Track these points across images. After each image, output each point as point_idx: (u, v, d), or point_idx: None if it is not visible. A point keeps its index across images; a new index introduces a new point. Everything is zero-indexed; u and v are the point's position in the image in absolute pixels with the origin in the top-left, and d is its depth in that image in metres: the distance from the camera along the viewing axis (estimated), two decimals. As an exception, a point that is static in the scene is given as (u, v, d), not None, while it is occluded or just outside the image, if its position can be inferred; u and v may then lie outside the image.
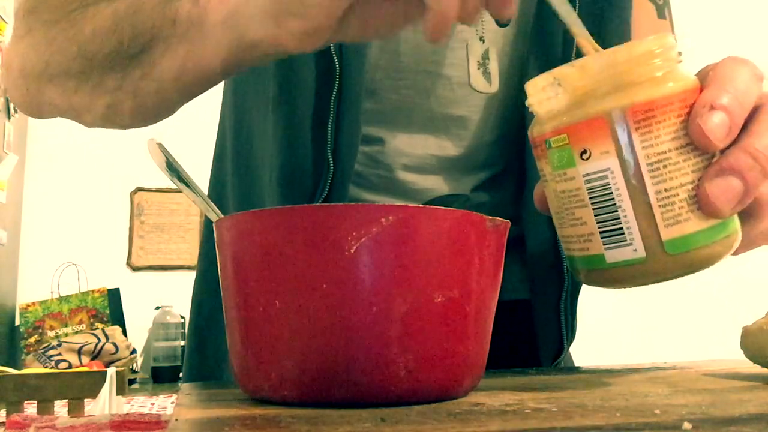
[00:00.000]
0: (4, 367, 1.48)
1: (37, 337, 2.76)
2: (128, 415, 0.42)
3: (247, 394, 0.36)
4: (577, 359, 0.72)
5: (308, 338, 0.32)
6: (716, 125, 0.33)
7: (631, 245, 0.34)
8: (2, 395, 1.20)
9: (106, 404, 1.18)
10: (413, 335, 0.32)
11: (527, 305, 0.64)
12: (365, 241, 0.31)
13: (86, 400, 1.24)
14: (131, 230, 3.16)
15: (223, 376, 0.64)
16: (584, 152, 0.34)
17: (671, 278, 0.35)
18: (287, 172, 0.58)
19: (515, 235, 0.60)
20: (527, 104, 0.38)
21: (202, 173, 0.65)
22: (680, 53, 0.36)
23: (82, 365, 2.47)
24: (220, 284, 0.37)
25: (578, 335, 0.67)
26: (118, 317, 2.84)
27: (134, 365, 2.84)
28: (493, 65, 0.62)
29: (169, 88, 0.45)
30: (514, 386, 0.40)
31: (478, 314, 0.34)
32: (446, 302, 0.33)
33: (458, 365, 0.34)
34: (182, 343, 2.91)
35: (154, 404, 2.23)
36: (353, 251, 0.31)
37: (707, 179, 0.34)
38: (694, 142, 0.34)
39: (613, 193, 0.34)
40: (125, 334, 2.72)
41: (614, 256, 0.35)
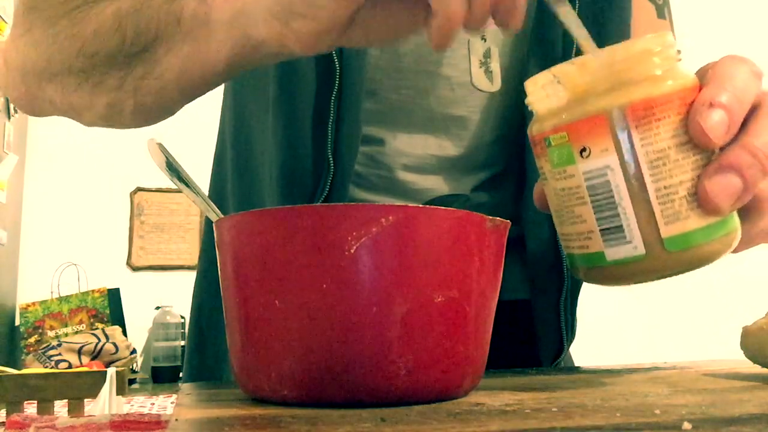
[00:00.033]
0: (4, 367, 1.48)
1: (37, 337, 2.76)
2: (128, 415, 0.42)
3: (247, 394, 0.36)
4: (577, 359, 0.72)
5: (308, 338, 0.32)
6: (716, 123, 0.33)
7: (630, 243, 0.34)
8: (2, 395, 1.19)
9: (106, 404, 1.18)
10: (413, 335, 0.32)
11: (527, 305, 0.64)
12: (365, 241, 0.31)
13: (86, 400, 1.23)
14: (131, 230, 3.16)
15: (223, 376, 0.64)
16: (584, 150, 0.34)
17: (671, 275, 0.35)
18: (287, 171, 0.58)
19: (515, 235, 0.60)
20: (527, 102, 0.38)
21: (202, 173, 0.65)
22: (679, 52, 0.36)
23: (82, 365, 2.47)
24: (220, 284, 0.37)
25: (578, 335, 0.67)
26: (118, 317, 2.84)
27: (134, 365, 2.84)
28: (494, 64, 0.62)
29: (171, 87, 0.45)
30: (514, 386, 0.40)
31: (478, 314, 0.34)
32: (446, 302, 0.33)
33: (458, 365, 0.34)
34: (182, 343, 2.91)
35: (154, 404, 2.23)
36: (353, 251, 0.31)
37: (707, 176, 0.34)
38: (693, 139, 0.34)
39: (612, 190, 0.34)
40: (125, 334, 2.72)
41: (614, 253, 0.35)
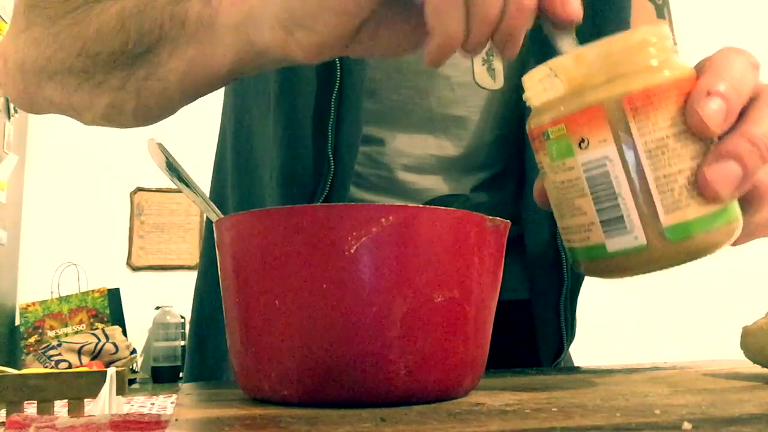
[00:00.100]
0: (4, 367, 1.48)
1: (37, 337, 2.76)
2: (128, 415, 0.42)
3: (247, 394, 0.36)
4: (577, 359, 0.72)
5: (308, 338, 0.32)
6: (714, 111, 0.33)
7: (631, 233, 0.34)
8: (2, 395, 1.19)
9: (106, 404, 1.18)
10: (413, 335, 0.32)
11: (527, 305, 0.64)
12: (365, 241, 0.31)
13: (86, 400, 1.23)
14: (131, 230, 3.16)
15: (223, 375, 0.64)
16: (582, 141, 0.34)
17: (672, 266, 0.35)
18: (287, 171, 0.58)
19: (515, 235, 0.60)
20: (524, 98, 0.38)
21: (202, 173, 0.65)
22: (676, 43, 0.35)
23: (82, 365, 2.47)
24: (220, 284, 0.37)
25: (578, 335, 0.67)
26: (118, 317, 2.84)
27: (134, 365, 2.84)
28: (497, 61, 0.62)
29: (174, 88, 0.45)
30: (514, 386, 0.40)
31: (478, 314, 0.34)
32: (446, 302, 0.33)
33: (458, 365, 0.34)
34: (182, 343, 2.91)
35: (154, 404, 2.23)
36: (353, 251, 0.31)
37: (706, 164, 0.34)
38: (691, 128, 0.34)
39: (612, 181, 0.34)
40: (125, 334, 2.72)
41: (615, 244, 0.35)
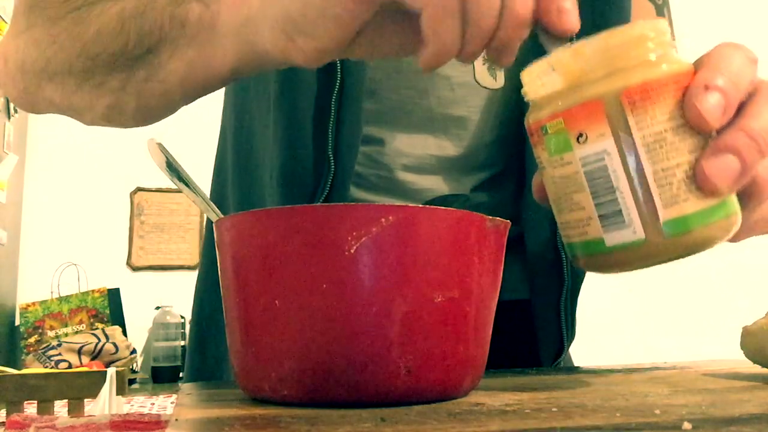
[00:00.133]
0: (4, 367, 1.48)
1: (37, 337, 2.76)
2: (128, 415, 0.42)
3: (247, 394, 0.36)
4: (577, 359, 0.72)
5: (308, 338, 0.32)
6: (712, 105, 0.33)
7: (630, 227, 0.34)
8: (2, 395, 1.19)
9: (106, 404, 1.18)
10: (413, 335, 0.32)
11: (527, 305, 0.64)
12: (365, 241, 0.31)
13: (86, 400, 1.23)
14: (131, 230, 3.16)
15: (223, 375, 0.64)
16: (580, 136, 0.34)
17: (671, 260, 0.35)
18: (288, 171, 0.58)
19: (515, 234, 0.60)
20: (523, 93, 0.38)
21: (202, 173, 0.65)
22: (674, 37, 0.35)
23: (82, 365, 2.47)
24: (220, 284, 0.37)
25: (578, 335, 0.67)
26: (118, 317, 2.84)
27: (134, 365, 2.84)
28: None
29: (174, 89, 0.45)
30: (514, 386, 0.40)
31: (478, 314, 0.34)
32: (446, 302, 0.33)
33: (458, 365, 0.34)
34: (182, 343, 2.91)
35: (154, 404, 2.23)
36: (353, 251, 0.31)
37: (704, 158, 0.34)
38: (689, 122, 0.34)
39: (610, 175, 0.34)
40: (125, 334, 2.72)
41: (614, 238, 0.35)
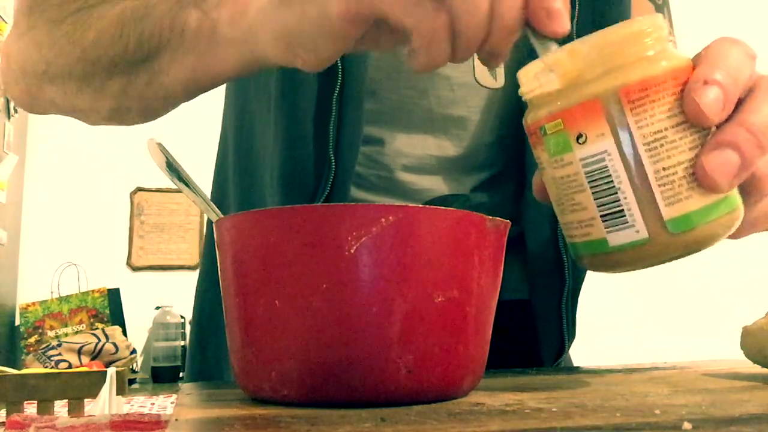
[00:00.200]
0: (4, 367, 1.48)
1: (37, 337, 2.76)
2: (128, 415, 0.42)
3: (247, 394, 0.36)
4: (577, 359, 0.72)
5: (308, 338, 0.32)
6: (711, 100, 0.33)
7: (633, 227, 0.34)
8: (2, 395, 1.19)
9: (106, 404, 1.18)
10: (413, 335, 0.32)
11: (528, 305, 0.64)
12: (365, 241, 0.31)
13: (86, 400, 1.23)
14: (131, 230, 3.17)
15: (224, 375, 0.64)
16: (580, 136, 0.34)
17: (675, 259, 0.35)
18: (288, 171, 0.58)
19: (515, 234, 0.60)
20: (520, 93, 0.38)
21: (202, 173, 0.65)
22: (671, 33, 0.35)
23: (82, 365, 2.47)
24: (220, 284, 0.37)
25: (578, 335, 0.67)
26: (118, 317, 2.84)
27: (134, 365, 2.84)
28: None
29: (177, 93, 0.46)
30: (514, 386, 0.40)
31: (478, 314, 0.34)
32: (446, 302, 0.32)
33: (458, 365, 0.34)
34: (182, 343, 2.91)
35: (154, 404, 2.23)
36: (353, 251, 0.31)
37: (704, 153, 0.33)
38: (689, 118, 0.33)
39: (611, 175, 0.34)
40: (125, 334, 2.72)
41: (617, 239, 0.34)
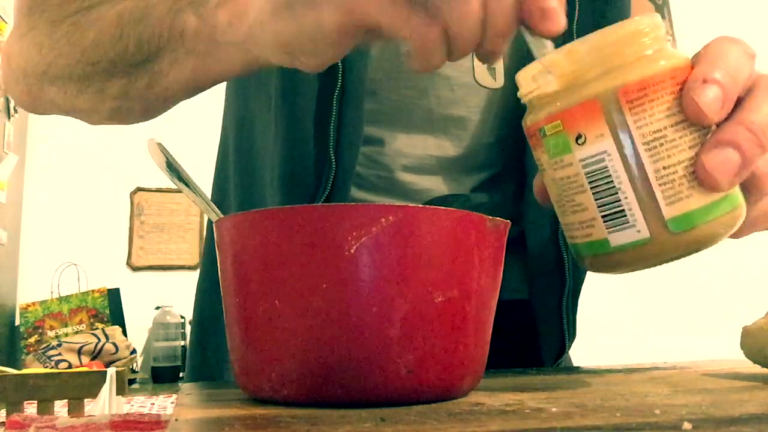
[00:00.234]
0: (4, 367, 1.48)
1: (37, 337, 2.76)
2: (128, 415, 0.42)
3: (247, 394, 0.36)
4: (577, 359, 0.72)
5: (308, 338, 0.32)
6: (710, 99, 0.33)
7: (634, 227, 0.34)
8: (2, 395, 1.19)
9: (106, 404, 1.18)
10: (413, 335, 0.32)
11: (528, 305, 0.64)
12: (365, 241, 0.31)
13: (86, 400, 1.23)
14: (131, 230, 3.17)
15: (224, 375, 0.64)
16: (579, 137, 0.34)
17: (676, 258, 0.35)
18: (288, 170, 0.58)
19: (515, 234, 0.60)
20: (519, 95, 0.38)
21: (202, 173, 0.65)
22: (669, 32, 0.35)
23: (82, 365, 2.47)
24: (220, 284, 0.37)
25: (578, 335, 0.67)
26: (118, 317, 2.84)
27: (134, 365, 2.84)
28: (498, 61, 0.62)
29: (177, 93, 0.46)
30: (514, 386, 0.40)
31: (478, 314, 0.34)
32: (446, 302, 0.33)
33: (458, 365, 0.34)
34: (182, 343, 2.91)
35: (154, 404, 2.23)
36: (353, 251, 0.31)
37: (704, 152, 0.33)
38: (688, 116, 0.33)
39: (611, 175, 0.34)
40: (125, 334, 2.72)
41: (618, 239, 0.34)
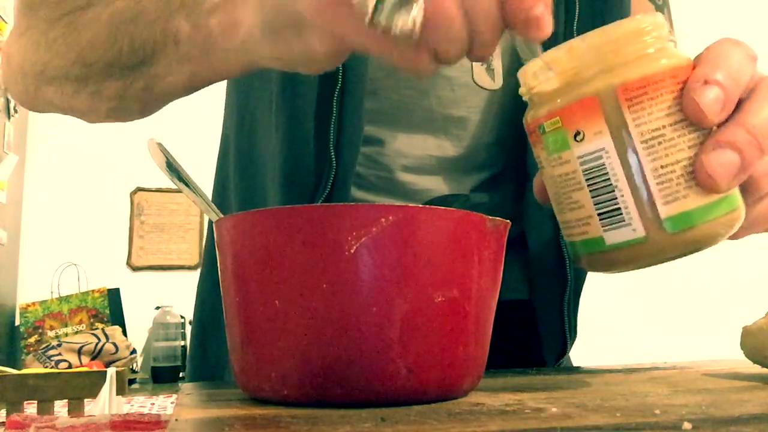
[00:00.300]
0: (4, 367, 1.48)
1: (37, 337, 2.76)
2: (128, 415, 0.42)
3: (247, 394, 0.36)
4: (577, 359, 0.72)
5: (308, 338, 0.32)
6: (711, 100, 0.33)
7: (630, 225, 0.34)
8: (2, 395, 1.19)
9: (106, 404, 1.18)
10: (413, 335, 0.32)
11: (528, 305, 0.64)
12: (365, 241, 0.31)
13: (86, 400, 1.23)
14: (131, 230, 3.16)
15: (225, 375, 0.64)
16: (578, 134, 0.34)
17: (672, 258, 0.35)
18: (289, 170, 0.58)
19: (516, 234, 0.60)
20: (520, 93, 0.38)
21: (202, 173, 0.65)
22: (671, 32, 0.35)
23: (82, 365, 2.47)
24: (220, 284, 0.37)
25: (578, 335, 0.67)
26: (118, 317, 2.84)
27: (134, 365, 2.84)
28: (497, 61, 0.62)
29: (175, 93, 0.46)
30: (514, 386, 0.40)
31: (478, 314, 0.34)
32: (446, 302, 0.33)
33: (458, 365, 0.34)
34: (182, 343, 2.91)
35: (154, 404, 2.23)
36: (353, 251, 0.31)
37: (704, 153, 0.33)
38: (688, 117, 0.33)
39: (608, 173, 0.34)
40: (125, 334, 2.72)
41: (614, 237, 0.34)
